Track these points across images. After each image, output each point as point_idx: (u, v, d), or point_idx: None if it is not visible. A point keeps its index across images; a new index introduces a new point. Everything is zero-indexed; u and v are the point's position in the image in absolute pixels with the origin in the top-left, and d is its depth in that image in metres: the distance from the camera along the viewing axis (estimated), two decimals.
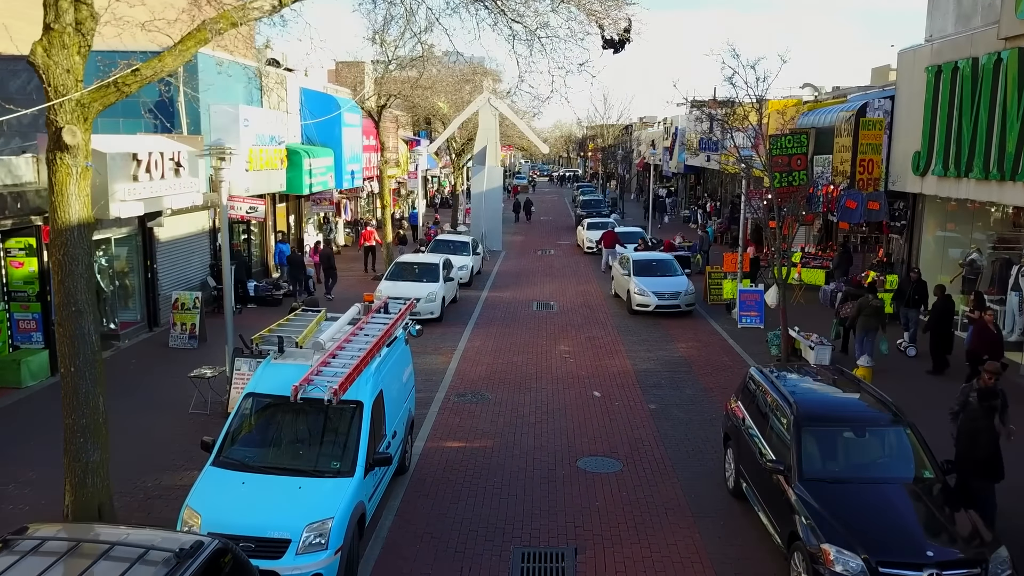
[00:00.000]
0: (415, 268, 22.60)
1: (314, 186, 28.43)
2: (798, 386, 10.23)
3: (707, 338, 20.37)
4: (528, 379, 16.53)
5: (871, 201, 21.31)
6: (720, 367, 17.56)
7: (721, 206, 44.28)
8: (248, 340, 11.40)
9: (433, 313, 21.04)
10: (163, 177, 17.47)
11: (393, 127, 43.29)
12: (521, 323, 21.85)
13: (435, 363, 17.53)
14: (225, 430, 9.22)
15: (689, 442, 13.07)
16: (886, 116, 21.33)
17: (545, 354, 18.59)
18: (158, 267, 19.79)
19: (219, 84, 23.38)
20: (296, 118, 30.05)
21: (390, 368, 10.56)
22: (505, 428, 13.64)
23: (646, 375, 16.88)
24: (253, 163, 23.57)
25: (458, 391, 15.59)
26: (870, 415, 9.45)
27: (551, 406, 14.82)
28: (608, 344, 19.57)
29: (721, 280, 24.19)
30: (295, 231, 30.76)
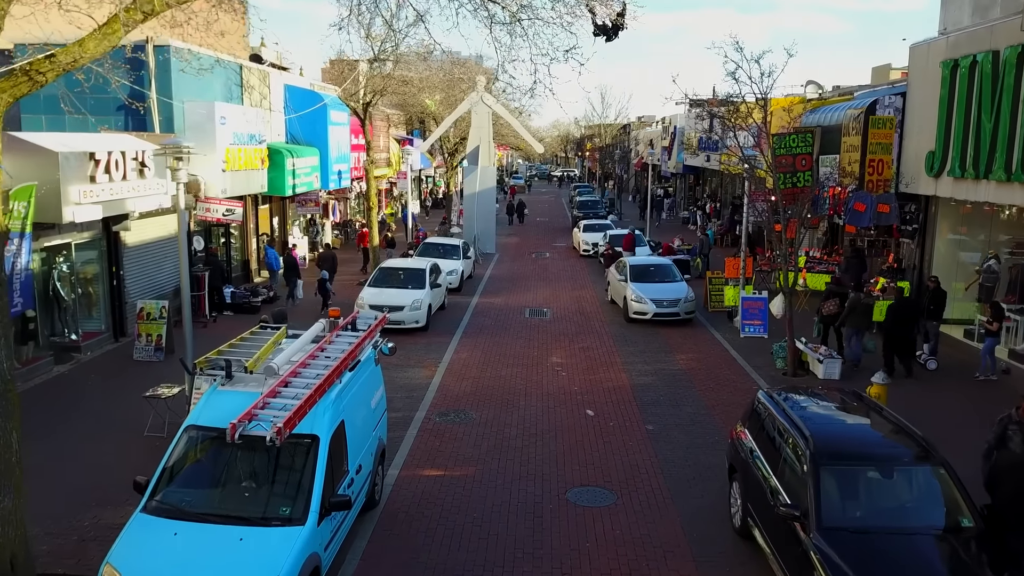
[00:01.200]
0: (400, 274, 21.43)
1: (298, 187, 27.27)
2: (813, 414, 9.09)
3: (708, 348, 19.23)
4: (516, 395, 15.38)
5: (881, 203, 20.18)
6: (722, 381, 16.42)
7: (721, 207, 43.16)
8: (191, 363, 10.21)
9: (418, 322, 19.89)
10: (125, 178, 16.32)
11: (384, 126, 42.17)
12: (512, 332, 20.70)
13: (418, 377, 16.38)
14: (160, 469, 8.07)
15: (690, 469, 11.92)
16: (897, 114, 20.20)
17: (536, 366, 17.45)
18: (125, 273, 18.61)
19: (194, 80, 22.21)
20: (280, 116, 28.90)
21: (355, 394, 9.41)
22: (489, 453, 12.49)
23: (643, 390, 15.74)
24: (231, 163, 22.42)
25: (440, 409, 14.44)
26: (898, 451, 8.30)
27: (540, 427, 13.67)
28: (603, 355, 18.43)
29: (722, 286, 23.04)
30: (279, 233, 29.60)
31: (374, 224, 26.47)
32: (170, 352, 17.24)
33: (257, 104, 26.35)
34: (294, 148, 27.82)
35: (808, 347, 16.91)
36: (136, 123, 21.00)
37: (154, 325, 17.04)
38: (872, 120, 20.11)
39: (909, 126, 19.95)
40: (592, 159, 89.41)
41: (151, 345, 17.00)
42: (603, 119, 71.37)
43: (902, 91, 20.35)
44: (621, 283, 22.54)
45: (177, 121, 21.31)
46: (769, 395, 9.86)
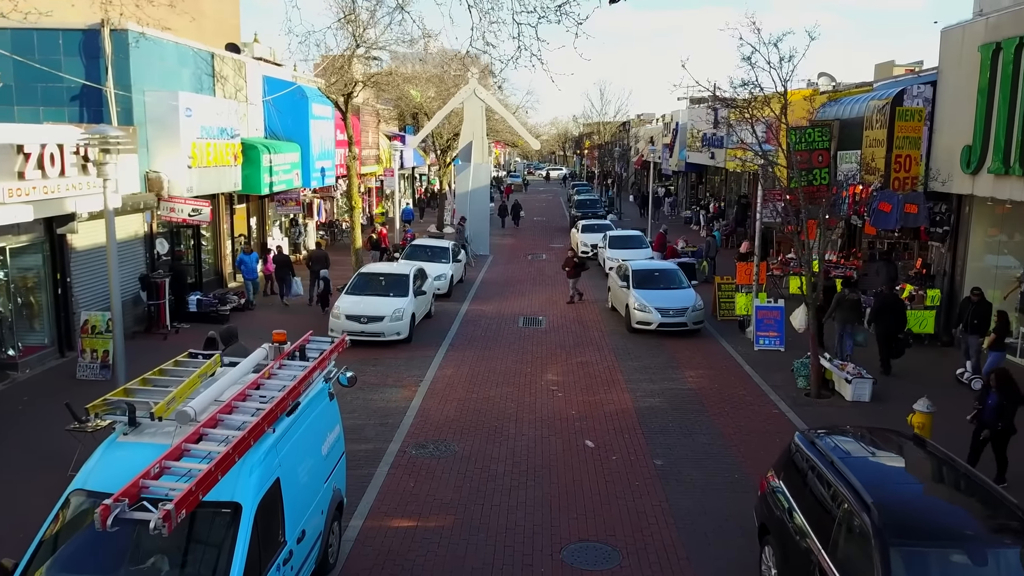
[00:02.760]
0: (381, 280, 19.57)
1: (275, 185, 25.43)
2: (871, 469, 7.27)
3: (719, 363, 17.41)
4: (506, 421, 13.55)
5: (908, 203, 18.35)
6: (738, 403, 14.60)
7: (725, 207, 41.33)
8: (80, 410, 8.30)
9: (400, 334, 18.04)
10: (63, 174, 14.47)
11: (374, 122, 40.30)
12: (504, 344, 18.86)
13: (395, 399, 14.54)
14: (33, 547, 6.24)
15: (708, 519, 10.09)
16: (927, 105, 18.39)
17: (529, 385, 15.62)
18: (73, 281, 16.76)
19: (158, 68, 20.39)
20: (259, 109, 27.05)
21: (298, 442, 7.58)
22: (472, 496, 10.66)
23: (649, 415, 13.91)
24: (198, 159, 20.58)
25: (418, 440, 12.60)
26: (988, 526, 6.48)
27: (532, 462, 11.84)
28: (604, 372, 16.61)
29: (733, 293, 21.22)
30: (257, 235, 27.75)
31: (356, 224, 24.61)
32: None
33: (232, 96, 24.50)
34: (272, 143, 25.97)
35: (834, 364, 15.09)
36: (92, 115, 19.16)
37: (100, 340, 15.18)
38: (899, 112, 18.29)
39: (940, 118, 18.13)
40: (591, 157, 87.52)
41: (96, 362, 15.15)
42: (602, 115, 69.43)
43: (932, 80, 18.54)
44: (623, 289, 20.71)
45: (137, 112, 19.46)
46: (809, 440, 8.02)
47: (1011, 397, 10.82)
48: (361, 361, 16.84)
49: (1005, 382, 10.87)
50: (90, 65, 19.05)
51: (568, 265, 23.73)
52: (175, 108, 19.71)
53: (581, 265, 23.90)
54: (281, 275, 23.27)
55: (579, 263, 23.87)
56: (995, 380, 10.96)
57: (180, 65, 21.59)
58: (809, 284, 15.17)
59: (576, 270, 23.59)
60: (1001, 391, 10.84)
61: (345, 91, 23.43)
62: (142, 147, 19.54)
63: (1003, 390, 10.84)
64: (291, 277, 23.30)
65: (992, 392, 10.96)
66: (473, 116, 33.41)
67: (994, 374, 11.10)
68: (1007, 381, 10.87)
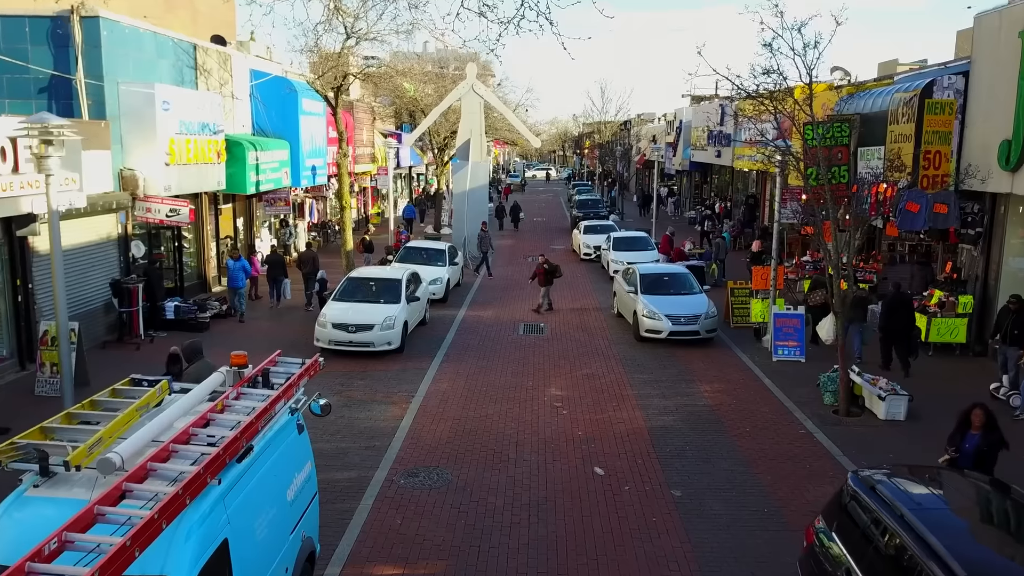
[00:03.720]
0: (371, 285, 18.26)
1: (262, 184, 24.13)
2: (953, 528, 5.98)
3: (736, 376, 16.11)
4: (506, 444, 12.25)
5: (938, 203, 17.07)
6: (760, 423, 13.29)
7: (731, 207, 40.03)
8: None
9: (391, 344, 16.73)
10: (17, 170, 13.15)
11: (368, 119, 39.00)
12: (503, 353, 17.56)
13: (383, 418, 13.23)
14: None
15: (740, 566, 8.77)
16: (958, 97, 17.10)
17: (531, 401, 14.31)
18: (36, 287, 15.46)
19: (134, 59, 19.08)
20: (245, 104, 25.75)
21: (257, 488, 6.28)
22: (466, 537, 9.35)
23: (664, 436, 12.61)
24: (176, 156, 19.27)
25: (408, 467, 11.29)
26: None
27: (535, 493, 10.53)
28: (611, 385, 15.31)
29: (747, 298, 19.92)
30: (244, 236, 26.44)
31: (347, 226, 23.32)
32: (82, 384, 14.07)
33: (216, 90, 23.20)
34: (259, 140, 24.68)
35: (865, 379, 13.79)
36: (62, 108, 17.82)
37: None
38: (928, 104, 16.98)
39: (973, 111, 16.85)
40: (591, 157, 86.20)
41: (57, 377, 13.83)
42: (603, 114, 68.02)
43: (964, 70, 17.24)
44: (630, 295, 19.40)
45: (111, 105, 18.16)
46: (868, 485, 6.72)
47: (994, 441, 8.81)
48: (348, 374, 15.56)
49: (990, 422, 8.84)
50: (59, 55, 17.75)
51: (538, 273, 22.03)
52: (151, 101, 18.41)
53: (552, 272, 22.00)
54: (274, 276, 22.05)
55: (550, 270, 21.96)
56: (979, 419, 8.86)
57: (158, 56, 20.28)
58: (837, 292, 13.86)
59: (547, 278, 21.85)
60: (986, 432, 8.83)
61: (335, 84, 22.10)
62: (116, 143, 18.24)
63: (988, 431, 8.82)
64: (284, 279, 22.14)
65: (972, 434, 8.91)
66: (471, 112, 32.10)
67: (979, 411, 8.87)
68: (992, 421, 8.87)
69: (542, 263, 22.13)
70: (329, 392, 14.33)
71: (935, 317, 17.00)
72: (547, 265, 22.02)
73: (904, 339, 15.67)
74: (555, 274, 22.05)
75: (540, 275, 21.90)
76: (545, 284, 21.83)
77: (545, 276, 21.80)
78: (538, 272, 22.07)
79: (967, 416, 8.96)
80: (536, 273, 22.18)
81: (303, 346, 17.27)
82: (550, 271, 21.93)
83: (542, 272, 21.87)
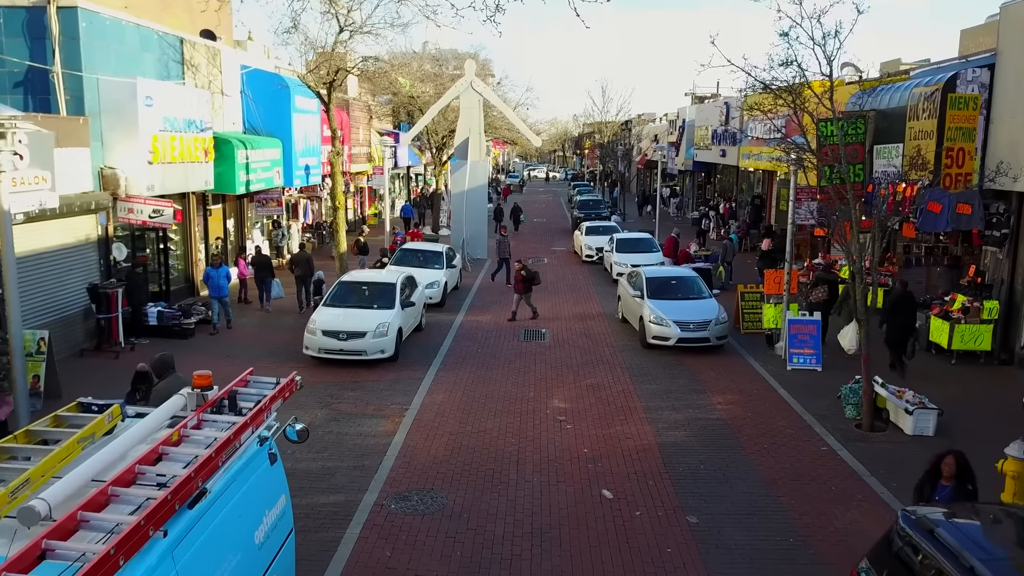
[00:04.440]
0: (364, 290, 17.37)
1: (253, 183, 23.25)
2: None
3: (749, 386, 15.22)
4: (506, 463, 11.35)
5: (961, 203, 16.18)
6: (779, 439, 12.40)
7: (736, 207, 39.15)
8: None
9: (384, 352, 15.83)
10: None
11: (365, 117, 38.14)
12: (503, 362, 16.67)
13: (374, 433, 12.33)
14: None
15: None
16: (983, 91, 16.22)
17: (532, 414, 13.42)
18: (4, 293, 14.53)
19: (115, 52, 18.20)
20: (236, 102, 24.88)
21: (215, 535, 5.37)
22: (462, 572, 8.46)
23: (676, 454, 11.72)
24: (160, 154, 18.39)
25: (400, 490, 10.39)
26: None
27: (538, 519, 9.64)
28: (618, 397, 14.41)
29: (758, 303, 19.04)
30: (235, 238, 25.54)
31: (341, 227, 22.42)
32: (54, 397, 13.21)
33: (204, 86, 22.32)
34: (250, 139, 23.80)
35: (890, 391, 12.89)
36: (38, 103, 16.99)
37: (30, 363, 12.94)
38: (951, 99, 16.12)
39: (1000, 106, 15.97)
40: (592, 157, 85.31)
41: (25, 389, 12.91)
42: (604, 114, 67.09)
43: (989, 63, 16.36)
44: (636, 300, 18.51)
45: (90, 101, 17.28)
46: (924, 528, 5.81)
47: (967, 492, 7.43)
48: (338, 385, 14.67)
49: (963, 471, 7.44)
50: (35, 47, 16.87)
51: (516, 279, 20.61)
52: (133, 96, 17.54)
53: (531, 279, 20.51)
54: (260, 277, 21.26)
55: (529, 276, 20.42)
56: (950, 469, 7.45)
57: (142, 50, 19.40)
58: (861, 297, 12.96)
59: (526, 284, 20.38)
60: (959, 484, 7.43)
61: (328, 80, 21.21)
62: (95, 140, 17.37)
63: (961, 482, 7.42)
64: (271, 280, 21.32)
65: (943, 485, 7.52)
66: (469, 110, 31.23)
67: (951, 459, 7.47)
68: (966, 470, 7.45)
69: (519, 269, 20.66)
70: (317, 405, 13.47)
71: (958, 323, 16.12)
72: (524, 272, 20.48)
73: (903, 339, 15.26)
74: (533, 281, 20.60)
75: (518, 282, 20.49)
76: (524, 291, 20.42)
77: (522, 283, 20.37)
78: (516, 278, 20.69)
79: (937, 465, 7.58)
80: (516, 278, 20.77)
81: (292, 354, 16.40)
82: (528, 278, 20.41)
83: (520, 279, 20.43)
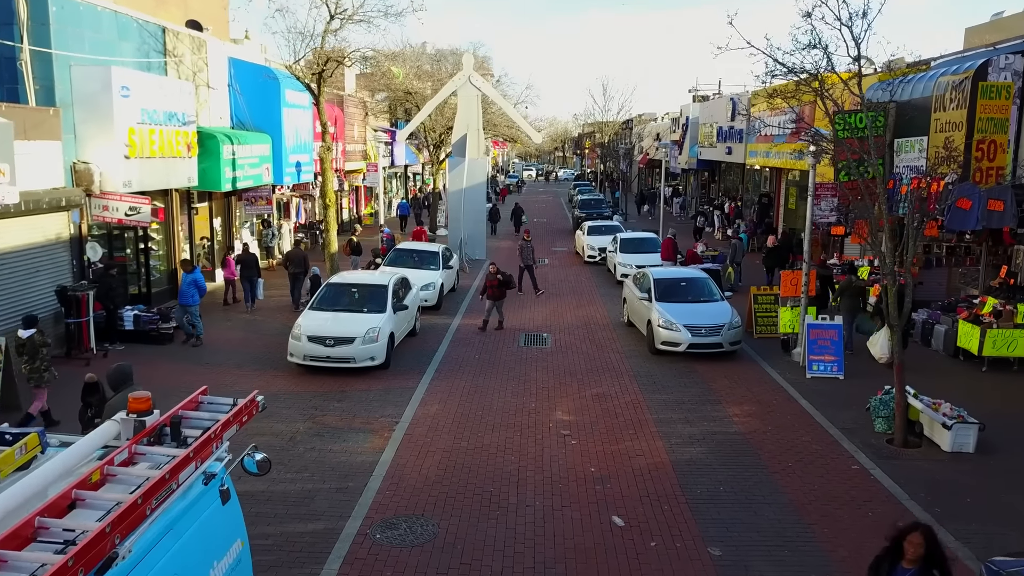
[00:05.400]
0: (354, 292, 16.29)
1: (240, 180, 22.19)
2: None
3: (767, 395, 14.14)
4: (505, 484, 10.27)
5: (992, 199, 15.16)
6: (803, 454, 11.32)
7: (742, 206, 38.08)
8: None
9: (375, 359, 14.74)
10: None
11: (360, 114, 37.08)
12: (502, 369, 15.59)
13: (361, 450, 11.24)
14: None
15: None
16: (1016, 79, 15.17)
17: (534, 428, 12.34)
18: None
19: (90, 39, 17.13)
20: (223, 95, 23.82)
21: None
22: None
23: (692, 473, 10.64)
24: (138, 147, 17.32)
25: (386, 516, 9.30)
26: None
27: (542, 552, 8.55)
28: (627, 408, 13.33)
29: (772, 306, 17.98)
30: (222, 237, 24.46)
31: (332, 225, 21.37)
32: (12, 410, 12.11)
33: (189, 78, 21.24)
34: (237, 134, 22.73)
35: (925, 403, 11.81)
36: (6, 93, 15.90)
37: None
38: (982, 88, 15.09)
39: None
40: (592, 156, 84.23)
41: None
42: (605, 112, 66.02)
43: (1022, 49, 15.30)
44: (643, 303, 17.44)
45: (62, 90, 16.22)
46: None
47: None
48: (324, 395, 13.59)
49: (932, 553, 5.74)
50: (2, 32, 15.78)
51: (489, 286, 18.46)
52: (108, 85, 16.47)
53: (506, 284, 18.71)
54: (247, 276, 20.28)
55: (503, 281, 18.56)
56: (916, 549, 5.73)
57: (120, 38, 18.33)
58: (894, 302, 11.88)
59: (499, 290, 18.45)
60: (926, 566, 5.75)
61: (316, 70, 20.15)
62: (68, 132, 16.30)
63: (929, 564, 5.75)
64: (257, 279, 20.37)
65: (904, 568, 5.79)
66: (467, 106, 30.17)
67: (918, 538, 5.73)
68: (935, 551, 5.76)
69: (493, 273, 18.59)
70: (300, 417, 12.39)
71: (990, 328, 15.05)
72: (500, 276, 18.58)
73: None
74: (508, 285, 18.89)
75: (491, 288, 18.51)
76: (497, 298, 18.49)
77: (497, 288, 18.46)
78: (488, 284, 18.56)
79: (899, 541, 5.85)
80: (487, 286, 18.64)
81: (277, 361, 15.34)
82: (504, 282, 18.61)
83: (494, 284, 18.43)
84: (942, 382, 14.01)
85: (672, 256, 24.44)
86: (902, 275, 12.19)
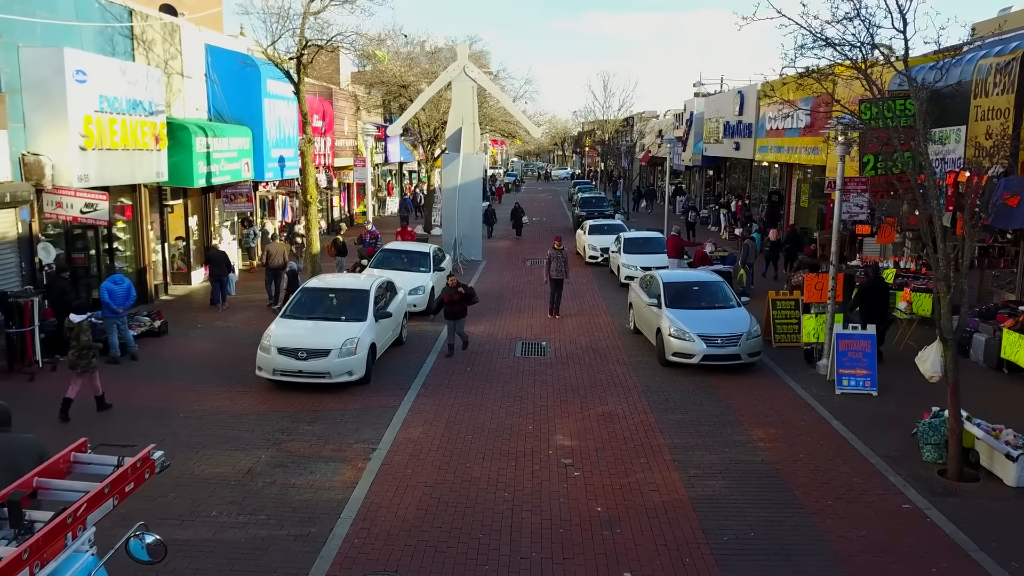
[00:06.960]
0: (331, 298, 14.71)
1: (216, 176, 20.63)
2: None
3: (793, 415, 12.56)
4: (497, 528, 8.69)
5: None
6: (843, 491, 9.73)
7: (750, 205, 36.51)
8: None
9: (353, 373, 13.14)
10: None
11: (351, 108, 35.50)
12: (496, 384, 14.01)
13: (329, 484, 9.66)
14: None
15: None
16: None
17: (531, 456, 10.76)
18: None
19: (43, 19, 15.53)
20: (200, 85, 22.25)
21: None
22: None
23: (715, 514, 9.06)
24: (95, 138, 15.73)
25: (351, 574, 7.72)
26: None
27: None
28: (636, 431, 11.75)
29: (792, 312, 16.42)
30: (198, 237, 22.85)
31: (314, 224, 19.81)
32: None
33: (160, 65, 19.66)
34: (211, 125, 21.18)
35: (983, 429, 10.23)
36: None
37: None
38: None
39: None
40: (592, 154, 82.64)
41: None
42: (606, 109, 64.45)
43: None
44: (652, 309, 15.86)
45: (9, 74, 14.65)
46: None
47: None
48: (293, 416, 12.01)
49: None
50: None
51: (444, 302, 15.64)
52: (60, 68, 14.88)
53: (468, 298, 15.79)
54: (215, 275, 18.97)
55: (465, 295, 15.70)
56: None
57: (79, 19, 16.73)
58: (947, 311, 10.31)
59: (459, 306, 15.54)
60: None
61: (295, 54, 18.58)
62: (16, 121, 14.75)
63: None
64: (227, 276, 19.09)
65: None
66: (462, 98, 28.58)
67: None
68: None
69: (453, 286, 15.71)
70: (263, 443, 10.80)
71: None
72: (462, 289, 15.77)
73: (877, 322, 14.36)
74: (470, 300, 15.88)
75: (450, 304, 15.47)
76: (457, 316, 15.54)
77: (458, 304, 15.53)
78: (447, 300, 15.55)
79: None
80: (443, 302, 15.70)
81: (244, 375, 13.75)
82: (466, 296, 15.74)
83: (455, 300, 15.49)
84: (986, 399, 12.43)
85: (678, 253, 22.89)
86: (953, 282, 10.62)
